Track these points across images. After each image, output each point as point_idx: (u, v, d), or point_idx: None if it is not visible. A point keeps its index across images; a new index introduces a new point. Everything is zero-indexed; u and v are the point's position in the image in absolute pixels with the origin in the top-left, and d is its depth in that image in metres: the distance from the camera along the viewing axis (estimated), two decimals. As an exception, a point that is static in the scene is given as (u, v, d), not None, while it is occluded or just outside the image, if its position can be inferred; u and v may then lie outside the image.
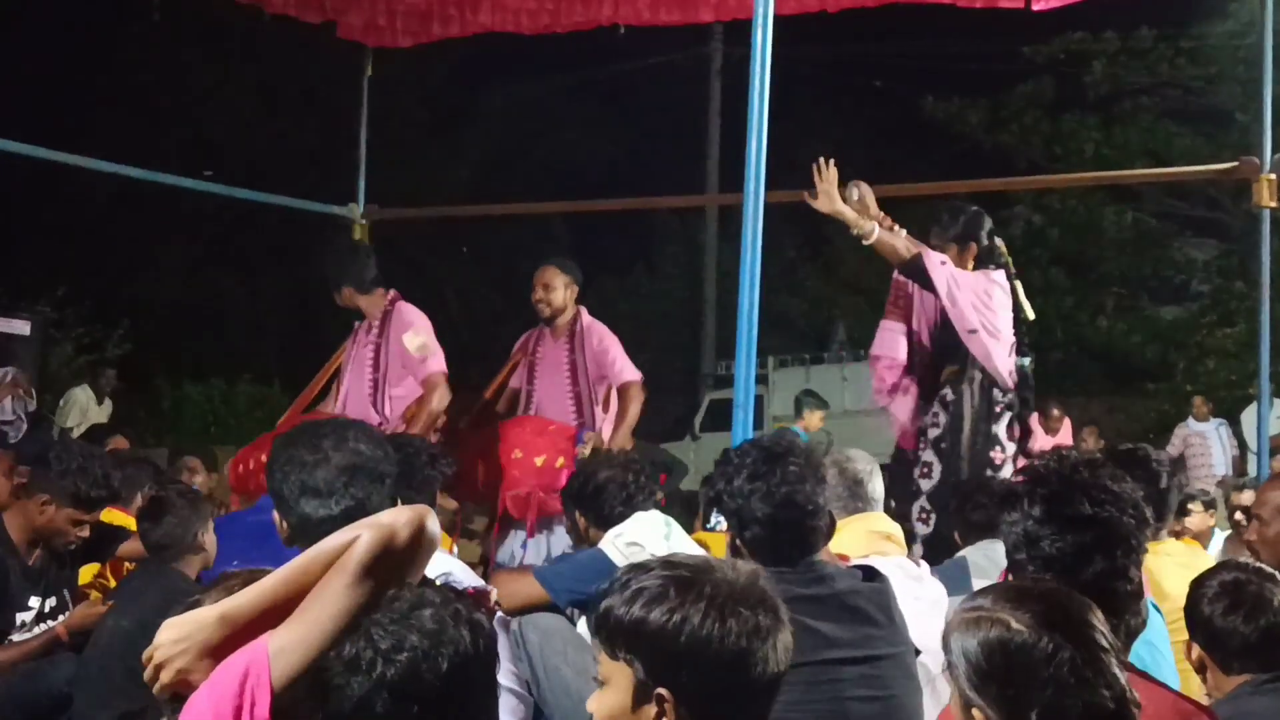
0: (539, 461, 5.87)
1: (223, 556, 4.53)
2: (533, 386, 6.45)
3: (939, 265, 5.49)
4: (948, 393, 5.65)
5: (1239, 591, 3.06)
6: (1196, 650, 3.13)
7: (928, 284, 5.52)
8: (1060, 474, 2.63)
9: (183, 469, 7.49)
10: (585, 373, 6.34)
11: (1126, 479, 2.68)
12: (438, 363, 5.96)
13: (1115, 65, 20.04)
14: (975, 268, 5.69)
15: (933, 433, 5.66)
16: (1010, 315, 5.69)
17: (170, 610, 2.13)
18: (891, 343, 5.82)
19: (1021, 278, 5.91)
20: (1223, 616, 3.04)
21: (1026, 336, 5.81)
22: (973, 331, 5.51)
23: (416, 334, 6.02)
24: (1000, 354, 5.58)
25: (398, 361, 6.01)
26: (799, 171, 5.48)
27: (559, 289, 6.41)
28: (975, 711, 2.04)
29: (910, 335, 5.84)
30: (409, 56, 8.83)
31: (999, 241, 5.82)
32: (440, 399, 5.90)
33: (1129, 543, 2.56)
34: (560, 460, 5.96)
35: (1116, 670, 2.01)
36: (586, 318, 6.47)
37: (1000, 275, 5.71)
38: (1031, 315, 5.84)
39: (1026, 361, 5.79)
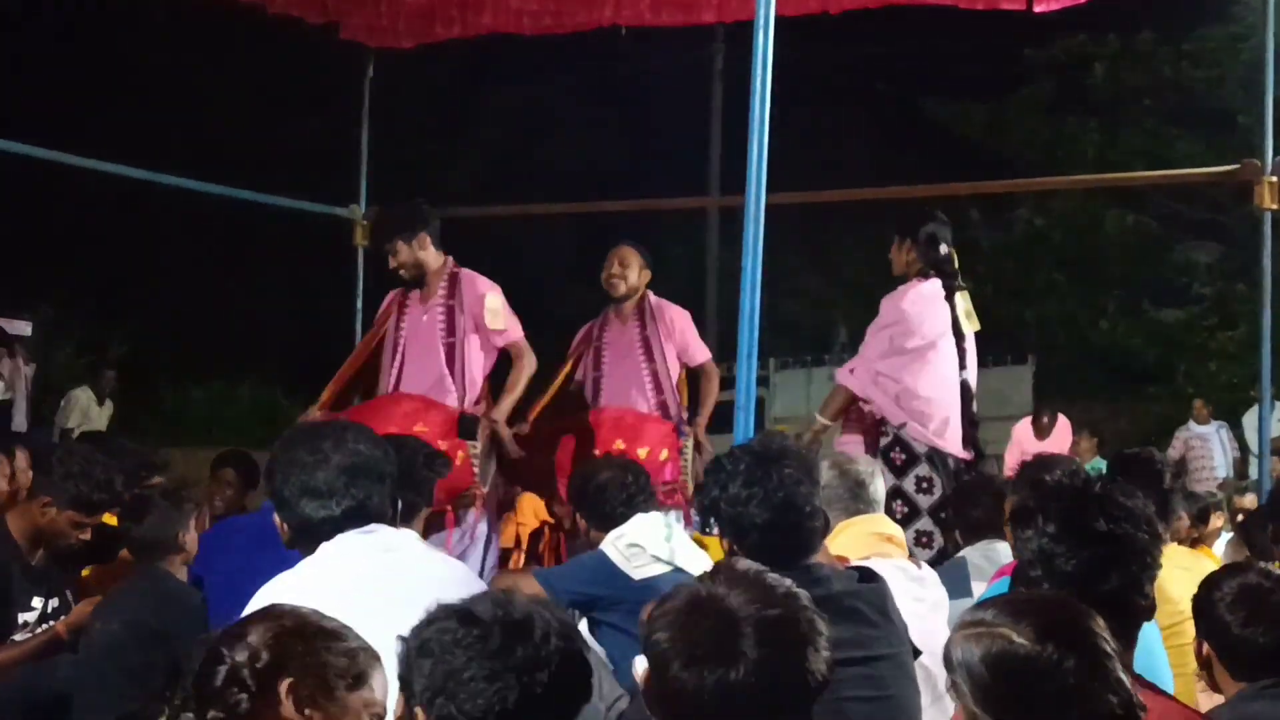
0: (643, 453, 5.78)
1: (225, 559, 4.52)
2: (600, 372, 6.36)
3: (849, 378, 5.73)
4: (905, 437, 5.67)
5: (1259, 600, 3.03)
6: (1206, 648, 3.09)
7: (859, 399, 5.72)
8: (1074, 490, 2.63)
9: None
10: (661, 351, 6.28)
11: (1138, 494, 2.68)
12: (519, 327, 5.88)
13: (1117, 68, 20.01)
14: (912, 268, 5.77)
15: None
16: (939, 322, 5.71)
17: (162, 611, 2.15)
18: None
19: (1023, 280, 5.92)
20: (1242, 626, 3.00)
21: (966, 352, 5.82)
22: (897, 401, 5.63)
23: (495, 296, 5.88)
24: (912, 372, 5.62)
25: (474, 329, 5.82)
26: (801, 174, 5.51)
27: (634, 268, 6.38)
28: None
29: (865, 443, 5.84)
30: (411, 58, 8.82)
31: (947, 251, 5.81)
32: (531, 364, 5.85)
33: (1144, 559, 2.58)
34: (664, 453, 5.93)
35: (1121, 675, 2.01)
36: (654, 297, 6.44)
37: (929, 286, 5.72)
38: (974, 328, 5.84)
39: (966, 374, 5.78)
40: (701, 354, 6.38)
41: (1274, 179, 6.52)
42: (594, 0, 7.52)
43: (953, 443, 5.62)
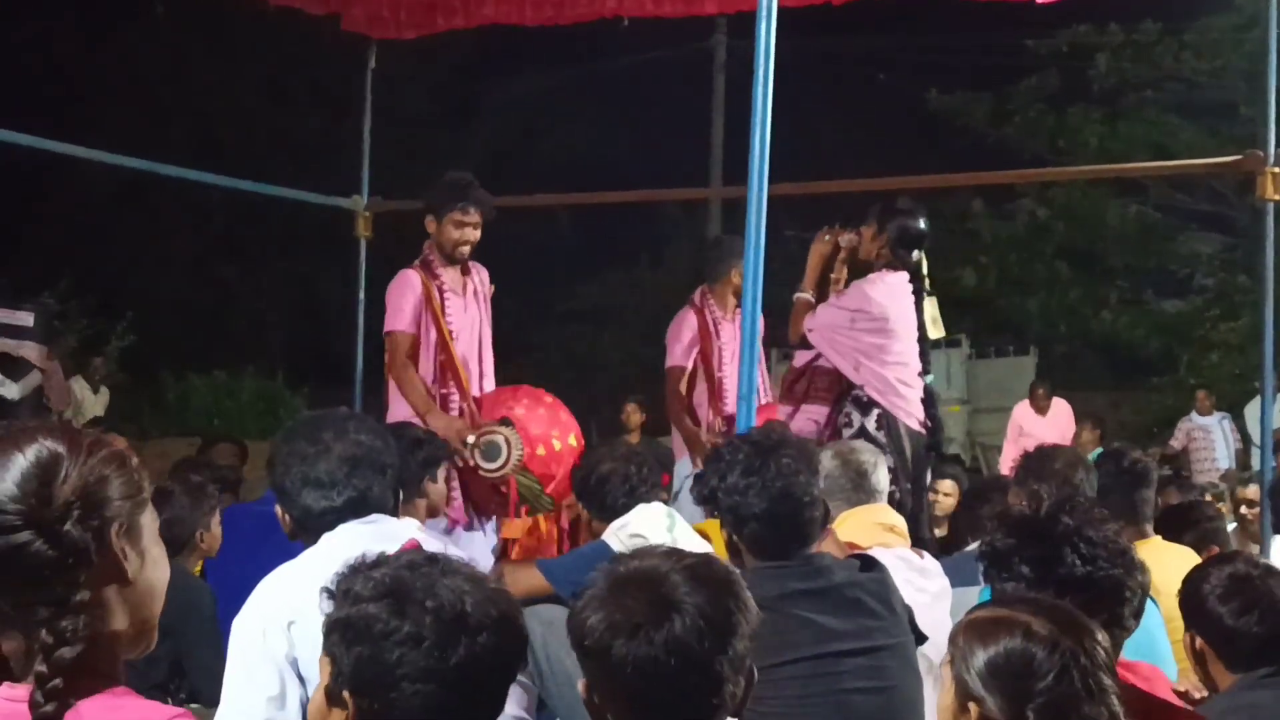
0: None
1: (229, 547, 4.53)
2: (723, 374, 6.28)
3: (811, 333, 5.53)
4: (862, 394, 5.55)
5: (1251, 590, 3.00)
6: (1200, 642, 3.08)
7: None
8: (1044, 528, 2.64)
9: None
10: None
11: (1108, 521, 2.68)
12: None
13: (1120, 58, 19.98)
14: (880, 260, 5.59)
15: (846, 433, 5.56)
16: (906, 315, 5.57)
17: (171, 608, 2.06)
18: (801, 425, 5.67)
19: (1025, 271, 5.88)
20: (1236, 617, 2.98)
21: (929, 357, 5.71)
22: (856, 368, 5.49)
23: None
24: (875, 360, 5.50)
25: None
26: (803, 165, 5.47)
27: None
28: (973, 705, 2.06)
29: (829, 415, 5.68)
30: (413, 49, 8.82)
31: (918, 256, 5.66)
32: None
33: (1121, 593, 2.61)
34: None
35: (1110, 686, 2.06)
36: None
37: (898, 278, 5.56)
38: (937, 334, 5.76)
39: (930, 379, 5.71)
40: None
41: (1277, 169, 6.49)
42: (596, -9, 7.51)
43: (913, 420, 5.50)
